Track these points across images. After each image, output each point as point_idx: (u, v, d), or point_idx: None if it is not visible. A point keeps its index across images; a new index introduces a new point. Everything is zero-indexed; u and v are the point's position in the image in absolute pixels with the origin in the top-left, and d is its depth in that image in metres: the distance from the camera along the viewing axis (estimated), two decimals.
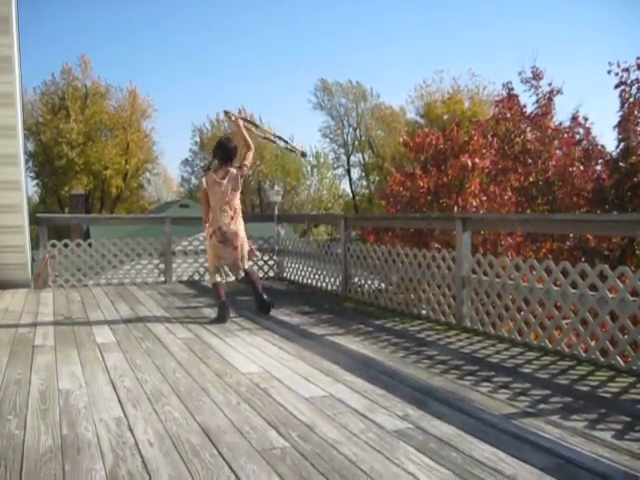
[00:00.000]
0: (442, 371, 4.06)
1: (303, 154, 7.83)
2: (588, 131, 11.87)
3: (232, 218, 6.01)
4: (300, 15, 57.73)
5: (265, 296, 6.29)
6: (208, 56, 59.78)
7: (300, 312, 6.44)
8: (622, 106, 11.24)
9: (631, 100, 11.13)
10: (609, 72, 11.32)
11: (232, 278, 6.25)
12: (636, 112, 11.07)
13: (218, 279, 6.06)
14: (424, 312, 6.06)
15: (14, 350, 4.72)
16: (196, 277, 9.19)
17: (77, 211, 26.41)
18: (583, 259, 9.33)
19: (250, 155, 6.18)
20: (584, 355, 4.26)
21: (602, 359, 4.15)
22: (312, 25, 58.34)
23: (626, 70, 11.18)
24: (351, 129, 42.17)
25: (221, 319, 5.84)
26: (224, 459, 2.62)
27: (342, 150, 42.44)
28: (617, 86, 11.32)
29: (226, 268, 6.14)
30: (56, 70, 38.13)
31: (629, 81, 11.19)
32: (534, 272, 4.70)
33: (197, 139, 41.58)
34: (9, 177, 8.02)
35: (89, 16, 52.89)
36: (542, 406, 3.33)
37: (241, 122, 6.30)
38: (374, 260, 6.90)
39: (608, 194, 10.60)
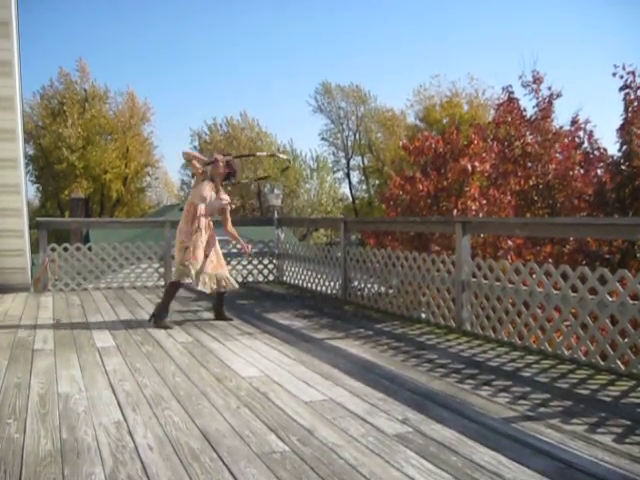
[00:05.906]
0: (442, 375, 4.06)
1: (287, 159, 7.74)
2: (590, 134, 11.83)
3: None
4: (300, 20, 57.81)
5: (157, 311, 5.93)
6: (208, 60, 59.87)
7: (300, 316, 6.44)
8: (626, 109, 11.20)
9: (635, 104, 11.10)
10: (614, 74, 11.28)
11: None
12: None
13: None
14: (424, 316, 6.05)
15: (14, 354, 4.71)
16: None
17: (77, 215, 26.39)
18: (584, 262, 9.32)
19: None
20: (584, 359, 4.26)
21: (602, 363, 4.15)
22: (312, 30, 58.40)
23: (631, 73, 11.15)
24: (351, 132, 42.17)
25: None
26: (224, 463, 2.61)
27: (342, 153, 42.41)
28: (622, 89, 11.30)
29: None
30: (55, 75, 38.20)
31: (634, 84, 11.16)
32: (534, 276, 4.70)
33: (196, 144, 41.64)
34: (9, 181, 8.01)
35: (88, 22, 53.03)
36: (542, 410, 3.33)
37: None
38: (374, 264, 6.89)
39: (609, 197, 10.59)
